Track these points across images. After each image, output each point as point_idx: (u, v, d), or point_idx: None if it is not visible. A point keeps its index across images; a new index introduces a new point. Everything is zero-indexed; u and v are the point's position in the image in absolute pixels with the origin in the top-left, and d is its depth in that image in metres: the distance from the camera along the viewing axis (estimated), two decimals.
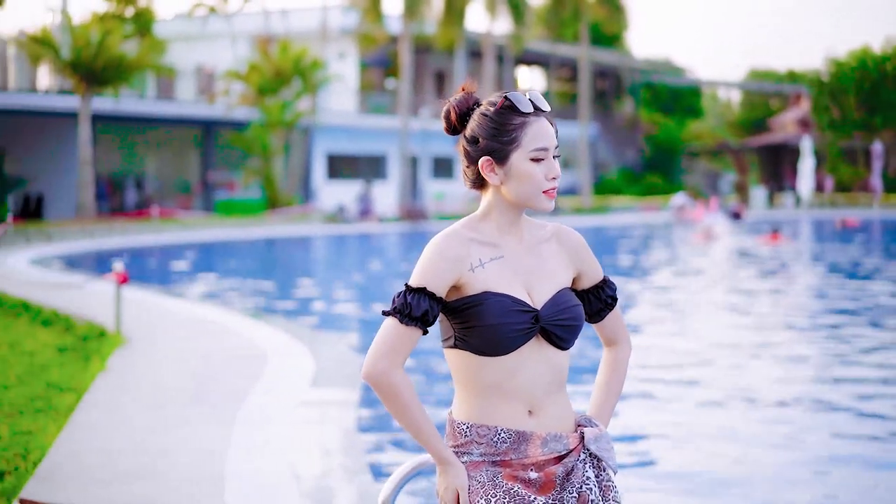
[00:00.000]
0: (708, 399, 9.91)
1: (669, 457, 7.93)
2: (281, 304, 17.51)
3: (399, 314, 2.93)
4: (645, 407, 9.57)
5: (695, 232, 36.76)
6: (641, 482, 7.24)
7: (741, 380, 10.85)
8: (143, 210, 40.83)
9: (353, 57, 53.88)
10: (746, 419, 9.11)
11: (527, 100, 2.99)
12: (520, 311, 2.94)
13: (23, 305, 14.54)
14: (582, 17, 57.55)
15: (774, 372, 11.27)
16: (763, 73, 79.43)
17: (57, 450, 7.01)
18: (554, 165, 2.98)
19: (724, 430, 8.73)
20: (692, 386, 10.58)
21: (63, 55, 35.85)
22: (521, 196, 3.00)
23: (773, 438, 8.36)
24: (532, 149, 2.97)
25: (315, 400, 8.69)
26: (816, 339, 13.89)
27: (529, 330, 2.95)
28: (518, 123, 2.97)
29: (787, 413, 9.37)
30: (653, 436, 8.56)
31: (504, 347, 2.93)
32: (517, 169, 2.98)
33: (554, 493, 2.98)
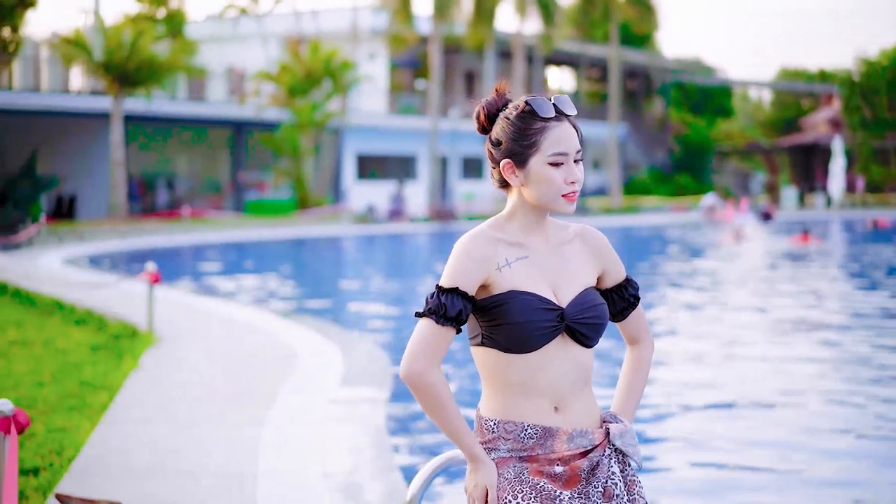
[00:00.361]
0: (733, 401, 9.93)
1: (698, 459, 7.95)
2: (311, 303, 17.61)
3: (434, 315, 2.99)
4: (671, 408, 9.60)
5: (725, 232, 36.68)
6: (671, 484, 7.28)
7: (767, 383, 10.86)
8: (174, 210, 41.05)
9: (383, 57, 54.01)
10: (776, 422, 9.12)
11: (549, 105, 3.04)
12: (545, 310, 2.99)
13: (56, 304, 14.70)
14: (612, 17, 57.46)
15: (801, 373, 11.28)
16: (794, 72, 79.06)
17: (91, 446, 7.12)
18: (573, 169, 3.03)
19: (750, 433, 8.75)
20: (715, 389, 10.60)
21: (95, 56, 36.08)
22: (540, 199, 3.06)
23: (805, 441, 8.37)
24: (551, 153, 3.02)
25: (345, 398, 8.76)
26: (844, 341, 13.87)
27: (555, 328, 3.00)
28: (538, 128, 3.02)
29: (816, 417, 9.38)
30: (676, 438, 8.59)
31: (530, 345, 2.99)
32: (536, 173, 3.04)
33: (579, 487, 3.04)
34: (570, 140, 3.04)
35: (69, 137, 40.96)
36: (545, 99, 3.06)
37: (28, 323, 13.21)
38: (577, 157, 3.06)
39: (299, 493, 6.20)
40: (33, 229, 26.38)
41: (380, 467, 6.74)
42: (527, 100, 3.06)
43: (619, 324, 3.28)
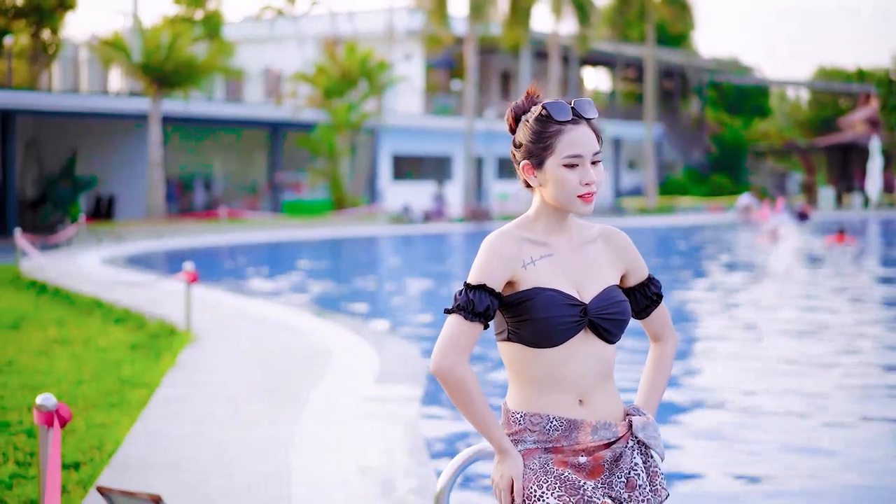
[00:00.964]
0: (770, 407, 9.98)
1: (736, 462, 8.01)
2: (346, 302, 17.75)
3: (463, 311, 3.10)
4: (706, 409, 9.67)
5: (760, 232, 36.60)
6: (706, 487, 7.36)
7: (802, 385, 10.91)
8: (212, 211, 41.35)
9: (418, 58, 54.17)
10: (812, 428, 9.16)
11: (566, 108, 3.13)
12: (569, 305, 3.10)
13: (96, 303, 14.94)
14: (648, 16, 57.40)
15: (834, 377, 11.32)
16: (831, 71, 78.63)
17: (130, 442, 7.27)
18: (588, 171, 3.11)
19: (789, 438, 8.79)
20: (753, 395, 10.66)
21: (134, 58, 36.40)
22: (557, 199, 3.16)
23: (838, 446, 8.40)
24: (565, 155, 3.12)
25: (379, 396, 8.89)
26: (871, 342, 13.89)
27: (578, 322, 3.10)
28: (553, 131, 3.12)
29: (848, 418, 9.42)
30: (706, 438, 8.66)
31: (554, 339, 3.09)
32: (552, 174, 3.14)
33: (603, 478, 3.14)
34: (585, 142, 3.12)
35: (108, 138, 41.36)
36: (563, 103, 3.15)
37: (68, 321, 13.43)
38: (595, 159, 3.14)
39: (334, 486, 6.32)
40: (72, 229, 26.67)
41: (413, 463, 6.86)
42: (544, 104, 3.16)
43: (643, 321, 3.38)
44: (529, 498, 3.07)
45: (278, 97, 46.42)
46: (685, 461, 7.72)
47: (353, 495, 6.18)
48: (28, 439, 7.36)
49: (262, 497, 6.09)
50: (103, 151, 41.48)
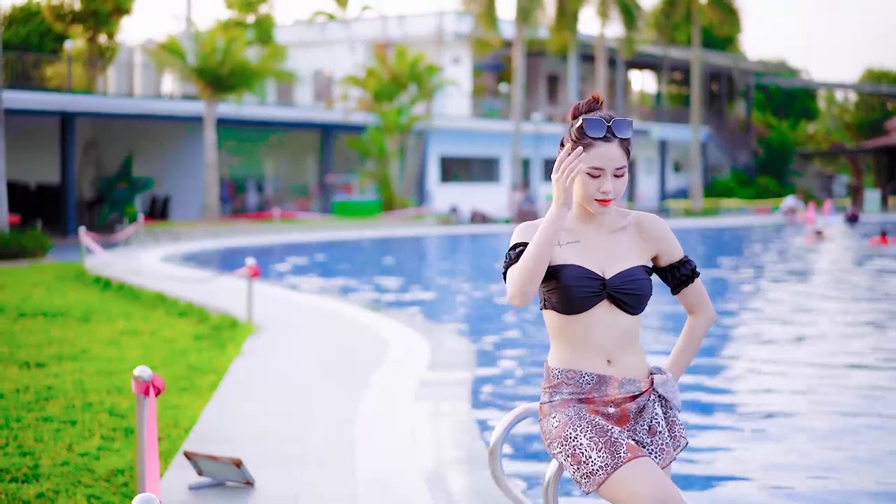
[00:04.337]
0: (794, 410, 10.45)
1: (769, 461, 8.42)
2: (398, 297, 18.41)
3: (512, 263, 3.71)
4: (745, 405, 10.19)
5: (806, 233, 36.91)
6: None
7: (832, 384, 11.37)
8: (264, 212, 42.12)
9: (466, 61, 54.71)
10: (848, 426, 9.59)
11: (602, 127, 3.69)
12: (590, 279, 3.73)
13: (159, 298, 15.62)
14: (694, 19, 57.66)
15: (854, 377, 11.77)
16: (879, 73, 78.45)
17: (206, 419, 7.94)
18: (607, 182, 3.69)
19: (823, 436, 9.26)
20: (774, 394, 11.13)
21: (189, 62, 37.15)
22: (580, 197, 3.78)
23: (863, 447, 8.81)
24: (590, 166, 3.71)
25: (432, 381, 9.54)
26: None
27: (597, 294, 3.72)
28: (585, 143, 3.71)
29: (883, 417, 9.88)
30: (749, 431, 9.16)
31: (577, 307, 3.72)
32: (578, 177, 3.74)
33: (629, 425, 3.77)
34: (611, 158, 3.70)
35: (162, 140, 42.18)
36: (602, 121, 3.71)
37: (135, 315, 14.08)
38: (617, 173, 3.72)
39: (392, 458, 6.97)
40: (131, 229, 27.48)
41: (463, 437, 7.51)
42: (584, 118, 3.73)
43: (677, 296, 3.97)
44: (566, 439, 3.69)
45: (329, 100, 47.11)
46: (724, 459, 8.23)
47: (409, 461, 6.83)
48: (110, 417, 7.99)
49: (333, 463, 6.75)
50: (158, 153, 42.33)
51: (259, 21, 49.20)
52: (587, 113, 3.81)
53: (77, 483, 6.19)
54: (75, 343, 11.42)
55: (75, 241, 28.77)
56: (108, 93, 42.37)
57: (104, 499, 5.98)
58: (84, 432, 7.37)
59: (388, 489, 6.23)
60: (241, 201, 44.61)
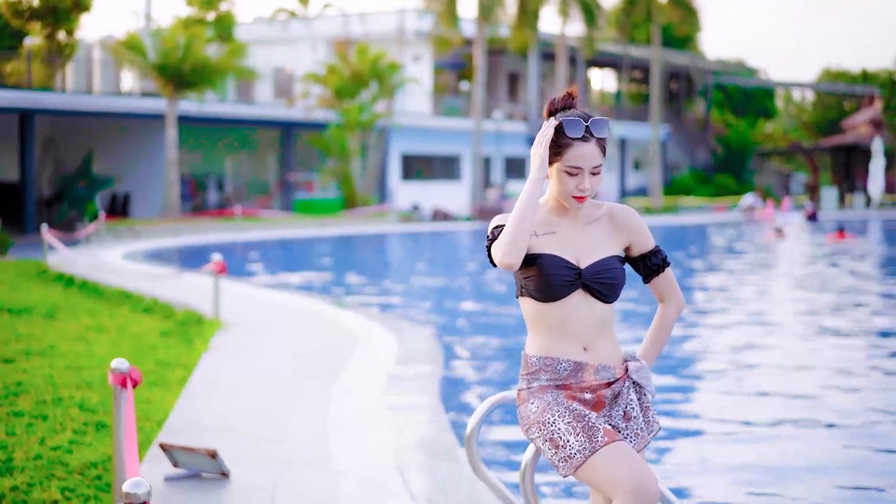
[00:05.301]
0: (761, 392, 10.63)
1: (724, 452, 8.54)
2: (361, 294, 18.49)
3: (494, 241, 3.84)
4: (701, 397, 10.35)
5: (766, 231, 37.30)
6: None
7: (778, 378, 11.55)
8: (225, 209, 42.04)
9: (427, 59, 54.79)
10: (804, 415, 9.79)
11: (580, 127, 3.81)
12: (566, 268, 3.84)
13: (124, 294, 15.61)
14: (654, 18, 57.99)
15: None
16: (836, 73, 79.21)
17: (178, 413, 7.99)
18: (584, 180, 3.81)
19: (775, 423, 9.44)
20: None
21: (150, 59, 37.02)
22: (557, 193, 3.90)
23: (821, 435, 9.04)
24: (569, 164, 3.84)
25: (402, 374, 9.64)
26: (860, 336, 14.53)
27: (572, 283, 3.84)
28: (565, 143, 3.83)
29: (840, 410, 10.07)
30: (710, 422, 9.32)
31: (553, 294, 3.83)
32: (556, 175, 3.88)
33: (604, 411, 3.88)
34: (589, 157, 3.82)
35: (122, 138, 41.99)
36: (580, 121, 3.83)
37: (100, 311, 14.05)
38: (594, 171, 3.84)
39: (366, 444, 7.06)
40: (92, 227, 27.40)
41: (435, 424, 7.62)
42: (562, 120, 3.84)
43: (648, 285, 4.09)
44: (544, 424, 3.79)
45: (290, 98, 47.07)
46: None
47: (383, 453, 6.93)
48: (81, 412, 8.02)
49: (307, 455, 6.83)
50: (118, 150, 42.13)
51: (219, 18, 49.01)
52: (563, 109, 3.91)
53: (51, 476, 6.23)
54: (42, 339, 11.41)
55: (35, 238, 28.63)
56: (66, 90, 42.08)
57: (78, 491, 6.03)
58: (56, 426, 7.41)
59: (363, 479, 6.32)
60: (202, 199, 44.50)
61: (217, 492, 6.02)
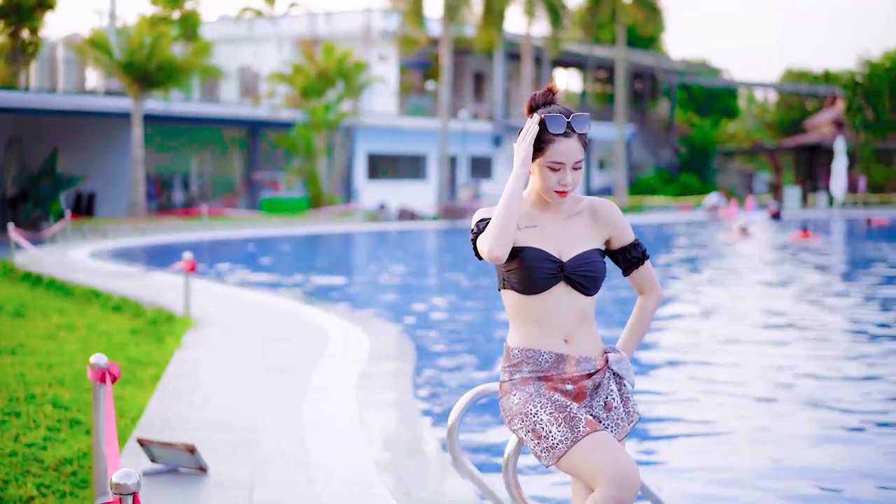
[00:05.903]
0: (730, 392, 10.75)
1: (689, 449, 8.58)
2: (330, 292, 18.51)
3: (480, 233, 3.90)
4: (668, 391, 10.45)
5: (731, 229, 37.59)
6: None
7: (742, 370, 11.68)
8: (191, 208, 41.92)
9: (393, 59, 54.84)
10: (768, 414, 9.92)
11: (562, 123, 3.87)
12: (548, 261, 3.90)
13: (93, 293, 15.55)
14: (619, 19, 58.26)
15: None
16: (798, 73, 79.82)
17: (153, 409, 8.01)
18: (566, 175, 3.88)
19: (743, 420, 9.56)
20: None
21: (116, 57, 36.87)
22: (540, 188, 3.96)
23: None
24: (551, 160, 3.90)
25: (374, 371, 9.69)
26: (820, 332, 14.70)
27: (554, 275, 3.90)
28: (547, 139, 3.89)
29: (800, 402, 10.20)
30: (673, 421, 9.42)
31: (536, 287, 3.89)
32: (538, 170, 3.94)
33: (585, 402, 3.95)
34: (570, 153, 3.88)
35: (87, 137, 41.79)
36: (562, 117, 3.89)
37: (69, 310, 14.01)
38: (576, 166, 3.90)
39: (342, 440, 7.11)
40: (58, 226, 27.26)
41: (409, 420, 7.69)
42: (544, 116, 3.90)
43: (628, 277, 4.16)
44: (527, 415, 3.86)
45: (256, 97, 46.98)
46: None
47: (358, 448, 6.98)
48: (54, 409, 8.02)
49: (284, 450, 6.87)
50: (83, 149, 41.92)
51: (184, 17, 48.84)
52: (544, 105, 3.98)
53: (26, 473, 6.24)
54: (12, 337, 11.38)
55: (0, 237, 28.46)
56: (31, 88, 41.84)
57: (54, 487, 6.05)
58: (29, 423, 7.40)
59: (340, 474, 6.36)
60: (167, 198, 44.35)
61: (196, 487, 6.06)
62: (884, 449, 7.89)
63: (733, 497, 6.67)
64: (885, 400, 9.56)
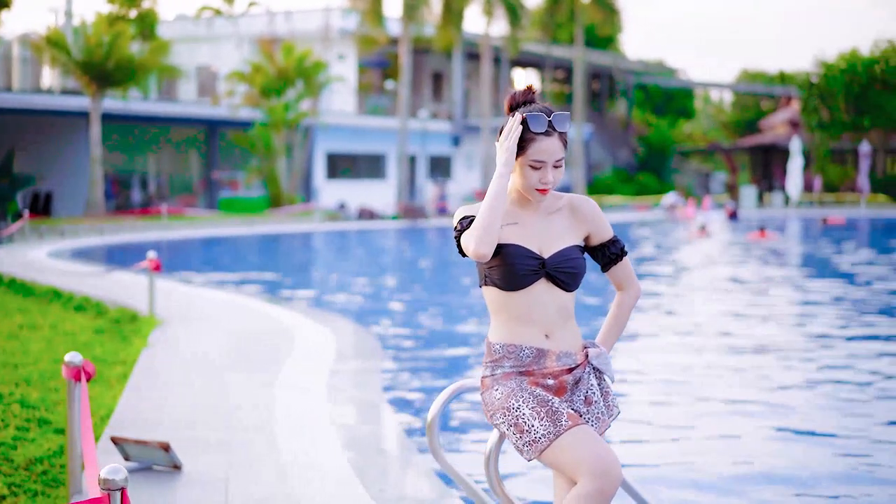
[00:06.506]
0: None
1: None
2: (295, 291, 18.49)
3: (465, 230, 3.94)
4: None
5: (691, 228, 37.87)
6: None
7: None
8: (149, 208, 41.71)
9: (351, 58, 54.80)
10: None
11: (543, 122, 3.93)
12: (530, 257, 3.96)
13: (54, 293, 15.44)
14: (577, 19, 58.50)
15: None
16: (754, 74, 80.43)
17: (123, 407, 7.99)
18: (547, 173, 3.93)
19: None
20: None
21: (75, 56, 36.60)
22: (521, 186, 4.01)
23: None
24: (532, 159, 3.95)
25: (343, 369, 9.72)
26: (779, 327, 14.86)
27: (536, 272, 3.96)
28: (528, 138, 3.95)
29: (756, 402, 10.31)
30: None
31: (517, 283, 3.95)
32: (519, 168, 3.99)
33: (566, 396, 4.00)
34: (551, 151, 3.94)
35: (44, 136, 41.46)
36: (543, 116, 3.95)
37: (31, 309, 13.90)
38: (556, 165, 3.96)
39: (315, 441, 7.14)
40: (15, 226, 27.04)
41: (379, 417, 7.72)
42: (525, 115, 3.95)
43: (607, 273, 4.21)
44: (509, 409, 3.91)
45: (214, 96, 46.80)
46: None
47: (331, 445, 7.01)
48: (22, 408, 7.97)
49: (257, 448, 6.88)
50: (40, 148, 41.60)
51: (141, 16, 48.60)
52: (524, 104, 4.03)
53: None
54: None
55: None
56: None
57: (25, 486, 6.03)
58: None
59: (314, 469, 6.39)
60: (126, 197, 44.10)
61: (171, 484, 6.07)
62: (844, 450, 7.99)
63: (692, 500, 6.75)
64: (834, 402, 9.69)
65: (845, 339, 13.07)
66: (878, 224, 45.37)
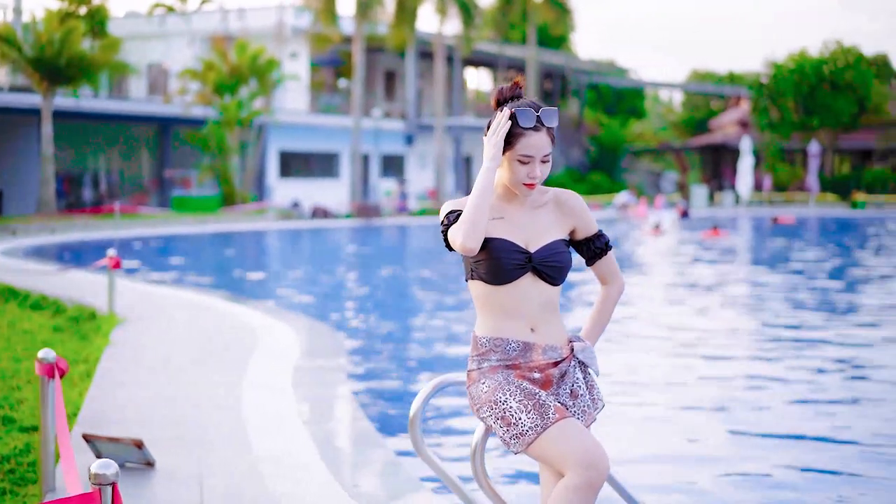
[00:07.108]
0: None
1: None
2: (252, 290, 18.45)
3: (452, 224, 3.95)
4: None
5: (646, 227, 38.17)
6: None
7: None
8: (101, 206, 41.39)
9: (304, 56, 54.66)
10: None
11: (532, 117, 3.96)
12: (516, 252, 3.99)
13: (9, 291, 15.28)
14: (530, 18, 58.66)
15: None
16: (704, 74, 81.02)
17: (90, 405, 7.93)
18: (535, 168, 3.96)
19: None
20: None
21: (25, 53, 36.23)
22: (508, 181, 4.03)
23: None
24: (520, 154, 3.98)
25: (308, 366, 9.71)
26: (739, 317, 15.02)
27: (522, 266, 3.99)
28: (516, 133, 3.97)
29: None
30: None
31: (503, 277, 3.97)
32: (507, 163, 4.01)
33: (552, 389, 4.03)
34: (539, 147, 3.96)
35: None
36: (531, 111, 3.97)
37: None
38: (544, 160, 3.99)
39: (285, 436, 7.13)
40: None
41: (347, 412, 7.73)
42: (514, 110, 3.98)
43: (591, 267, 4.25)
44: (496, 402, 3.93)
45: (166, 94, 46.51)
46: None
47: (301, 440, 7.01)
48: None
49: (228, 443, 6.86)
50: None
51: (91, 12, 48.16)
52: (512, 99, 4.06)
53: None
54: None
55: None
56: None
57: None
58: None
59: (287, 465, 6.39)
60: (77, 196, 43.74)
61: (145, 481, 6.04)
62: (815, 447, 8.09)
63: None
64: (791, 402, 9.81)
65: (811, 339, 13.22)
66: (827, 223, 45.92)
